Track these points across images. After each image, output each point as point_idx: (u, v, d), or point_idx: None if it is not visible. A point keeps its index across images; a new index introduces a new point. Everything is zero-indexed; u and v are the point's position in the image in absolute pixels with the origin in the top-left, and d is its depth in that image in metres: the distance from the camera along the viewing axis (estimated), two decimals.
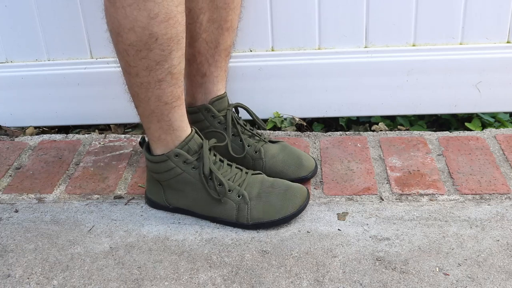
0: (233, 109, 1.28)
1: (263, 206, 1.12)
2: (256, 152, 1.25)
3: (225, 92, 1.28)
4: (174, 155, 1.12)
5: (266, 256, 1.05)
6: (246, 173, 1.17)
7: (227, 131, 1.26)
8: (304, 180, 1.24)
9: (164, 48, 1.02)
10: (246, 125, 1.29)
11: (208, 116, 1.26)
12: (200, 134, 1.16)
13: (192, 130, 1.14)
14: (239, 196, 1.12)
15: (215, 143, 1.15)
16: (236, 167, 1.17)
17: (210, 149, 1.14)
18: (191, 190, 1.14)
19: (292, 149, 1.28)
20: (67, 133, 1.57)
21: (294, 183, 1.16)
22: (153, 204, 1.20)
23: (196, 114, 1.27)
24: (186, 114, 1.13)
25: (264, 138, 1.29)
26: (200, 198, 1.14)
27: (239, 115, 1.31)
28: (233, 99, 1.32)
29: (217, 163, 1.15)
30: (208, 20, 1.20)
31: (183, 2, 1.03)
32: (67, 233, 1.14)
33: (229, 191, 1.12)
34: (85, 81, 1.52)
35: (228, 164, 1.17)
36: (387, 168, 1.29)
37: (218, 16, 1.20)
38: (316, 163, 1.26)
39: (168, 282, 1.01)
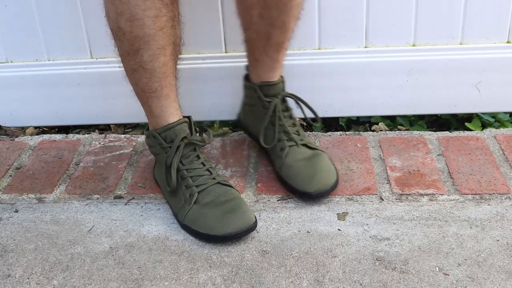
0: (287, 100, 1.27)
1: (198, 215, 1.11)
2: (281, 150, 1.24)
3: (278, 79, 1.27)
4: (152, 135, 1.19)
5: (266, 256, 1.05)
6: (214, 178, 1.16)
7: (264, 117, 1.25)
8: (309, 196, 1.18)
9: (132, 43, 1.09)
10: (291, 118, 1.27)
11: (255, 96, 1.27)
12: (192, 126, 1.19)
13: (179, 121, 1.17)
14: (189, 196, 1.14)
15: (197, 140, 1.17)
16: (207, 170, 1.17)
17: (189, 144, 1.17)
18: (162, 172, 1.20)
19: (318, 162, 1.22)
20: (67, 133, 1.57)
21: (248, 210, 1.11)
22: (153, 174, 1.30)
23: (249, 90, 1.28)
24: (171, 106, 1.17)
25: (299, 141, 1.25)
26: (164, 181, 1.19)
27: (294, 107, 1.29)
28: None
29: (189, 158, 1.17)
30: (258, 15, 1.19)
31: (155, 7, 1.06)
32: (67, 233, 1.14)
33: (186, 187, 1.15)
34: (85, 81, 1.52)
35: (202, 164, 1.17)
36: (387, 168, 1.29)
37: (268, 14, 1.18)
38: (332, 186, 1.18)
39: (168, 282, 1.01)
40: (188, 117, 1.20)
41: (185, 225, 1.12)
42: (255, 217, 1.11)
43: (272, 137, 1.25)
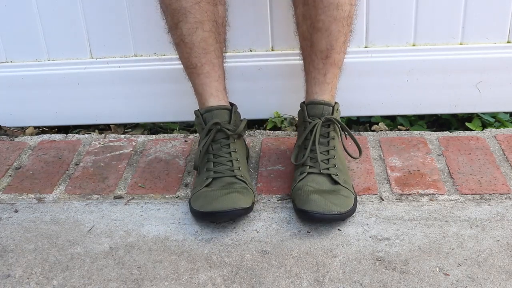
0: (335, 126, 1.20)
1: (200, 195, 1.15)
2: (300, 174, 1.18)
3: (325, 100, 1.20)
4: (195, 114, 1.23)
5: (266, 256, 1.05)
6: (232, 171, 1.18)
7: (300, 137, 1.21)
8: (305, 214, 1.10)
9: (173, 16, 1.17)
10: (329, 145, 1.20)
11: (301, 115, 1.23)
12: (233, 115, 1.22)
13: (220, 106, 1.20)
14: (205, 179, 1.17)
15: (228, 129, 1.19)
16: (230, 161, 1.19)
17: (221, 131, 1.19)
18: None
19: (331, 194, 1.13)
20: (67, 133, 1.57)
21: (241, 199, 1.11)
22: None
23: (300, 109, 1.24)
24: (211, 85, 1.21)
25: (324, 169, 1.16)
26: None
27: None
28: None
29: (219, 144, 1.20)
30: (303, 15, 1.18)
31: None
32: (67, 233, 1.14)
33: (207, 170, 1.19)
34: (85, 81, 1.52)
35: (229, 154, 1.19)
36: (387, 168, 1.29)
37: (308, 14, 1.17)
38: (331, 215, 1.07)
39: (168, 282, 1.01)
40: (232, 105, 1.24)
41: (189, 202, 1.17)
42: (248, 206, 1.11)
43: (300, 158, 1.20)
